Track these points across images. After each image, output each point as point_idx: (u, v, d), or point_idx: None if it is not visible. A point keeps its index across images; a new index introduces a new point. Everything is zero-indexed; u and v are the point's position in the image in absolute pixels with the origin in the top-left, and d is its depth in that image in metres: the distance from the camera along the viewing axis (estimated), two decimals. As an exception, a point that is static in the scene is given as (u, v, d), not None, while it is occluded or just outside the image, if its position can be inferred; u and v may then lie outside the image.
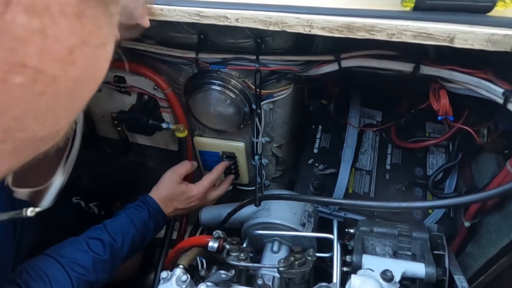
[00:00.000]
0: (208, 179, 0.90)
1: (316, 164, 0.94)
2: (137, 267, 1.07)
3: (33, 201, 0.28)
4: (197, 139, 0.95)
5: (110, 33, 0.20)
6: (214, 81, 0.77)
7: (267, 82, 0.75)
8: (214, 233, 0.76)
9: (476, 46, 0.49)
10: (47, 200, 0.29)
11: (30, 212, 0.29)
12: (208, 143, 0.95)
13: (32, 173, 0.20)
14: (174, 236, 1.02)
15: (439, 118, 0.69)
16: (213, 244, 0.73)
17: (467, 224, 0.78)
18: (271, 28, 0.56)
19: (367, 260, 0.66)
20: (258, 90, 0.75)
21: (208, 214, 0.96)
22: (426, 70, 0.64)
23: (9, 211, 0.31)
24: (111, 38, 0.20)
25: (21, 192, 0.26)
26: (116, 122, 0.96)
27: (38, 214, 0.29)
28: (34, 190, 0.27)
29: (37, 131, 0.18)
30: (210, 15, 0.58)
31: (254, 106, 0.79)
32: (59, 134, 0.20)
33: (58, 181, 0.28)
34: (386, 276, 0.58)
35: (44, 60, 0.16)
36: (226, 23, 0.58)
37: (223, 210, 0.91)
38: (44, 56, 0.16)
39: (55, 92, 0.18)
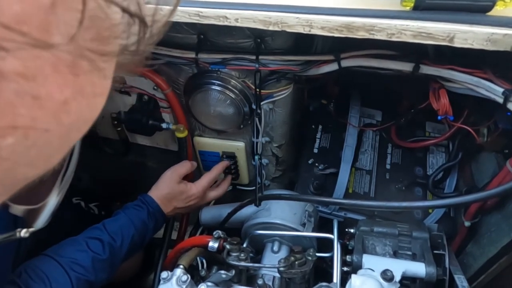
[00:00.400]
0: (207, 178, 0.90)
1: (316, 164, 0.93)
2: (138, 267, 1.07)
3: (28, 219, 0.28)
4: (197, 139, 0.95)
5: (106, 83, 0.19)
6: (214, 81, 0.77)
7: (267, 82, 0.75)
8: (214, 233, 0.75)
9: (476, 45, 0.49)
10: (42, 220, 0.28)
11: (24, 233, 0.28)
12: (208, 143, 0.95)
13: (28, 191, 0.19)
14: (174, 236, 1.01)
15: (439, 117, 0.68)
16: (213, 244, 0.73)
17: (467, 223, 0.78)
18: (270, 28, 0.56)
19: (367, 259, 0.66)
20: (258, 90, 0.74)
21: (208, 214, 0.96)
22: (426, 69, 0.64)
23: (10, 226, 0.31)
24: (107, 88, 0.19)
25: (17, 208, 0.25)
26: (116, 122, 0.96)
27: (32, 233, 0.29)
28: (30, 208, 0.27)
29: (29, 173, 0.18)
30: (210, 15, 0.58)
31: (254, 106, 0.79)
32: (53, 167, 0.20)
33: (53, 201, 0.28)
34: (387, 275, 0.58)
35: (37, 118, 0.15)
36: (226, 23, 0.58)
37: (223, 210, 0.91)
38: (36, 115, 0.15)
39: (48, 140, 0.17)
